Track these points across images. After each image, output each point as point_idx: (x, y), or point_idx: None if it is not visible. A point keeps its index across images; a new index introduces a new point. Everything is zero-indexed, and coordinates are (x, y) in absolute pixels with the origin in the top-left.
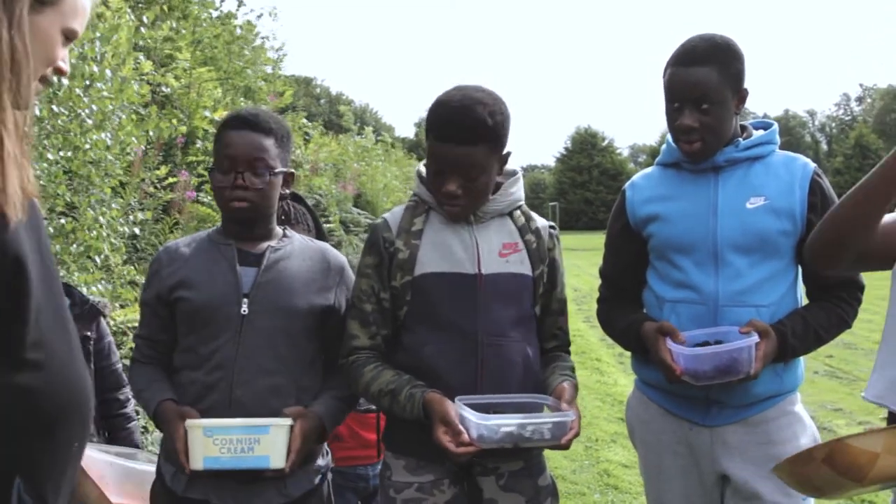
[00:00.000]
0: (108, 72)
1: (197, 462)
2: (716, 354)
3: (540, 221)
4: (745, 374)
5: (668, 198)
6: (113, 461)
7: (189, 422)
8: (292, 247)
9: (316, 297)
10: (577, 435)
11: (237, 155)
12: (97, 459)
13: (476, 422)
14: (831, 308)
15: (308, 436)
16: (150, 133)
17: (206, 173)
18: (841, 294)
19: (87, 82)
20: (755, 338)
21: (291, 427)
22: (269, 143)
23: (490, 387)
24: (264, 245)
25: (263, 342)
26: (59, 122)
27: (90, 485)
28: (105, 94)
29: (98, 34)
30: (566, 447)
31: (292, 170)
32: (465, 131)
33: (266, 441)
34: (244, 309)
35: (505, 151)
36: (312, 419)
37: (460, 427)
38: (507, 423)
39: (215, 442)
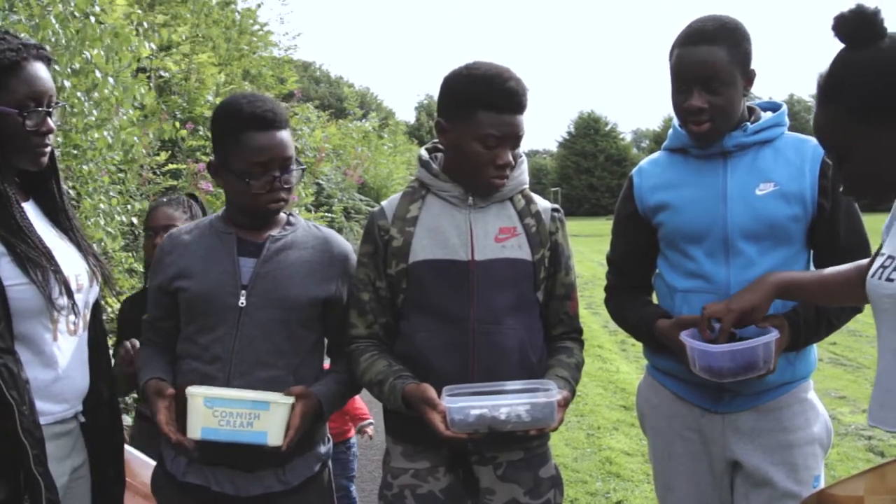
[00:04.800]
0: (111, 80)
1: (195, 431)
2: (738, 352)
3: (542, 204)
4: (765, 371)
5: (676, 185)
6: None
7: (190, 389)
8: (294, 235)
9: (316, 288)
10: (556, 426)
11: (272, 159)
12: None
13: (447, 406)
14: None
15: (307, 416)
16: (151, 135)
17: (205, 159)
18: None
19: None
20: (775, 333)
21: (293, 405)
22: (289, 136)
23: (483, 375)
24: (266, 234)
25: (261, 334)
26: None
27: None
28: (108, 98)
29: (106, 41)
30: (551, 430)
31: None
32: (524, 101)
33: (265, 417)
34: (242, 301)
35: None
36: (312, 400)
37: (443, 405)
38: (477, 405)
39: (215, 414)
